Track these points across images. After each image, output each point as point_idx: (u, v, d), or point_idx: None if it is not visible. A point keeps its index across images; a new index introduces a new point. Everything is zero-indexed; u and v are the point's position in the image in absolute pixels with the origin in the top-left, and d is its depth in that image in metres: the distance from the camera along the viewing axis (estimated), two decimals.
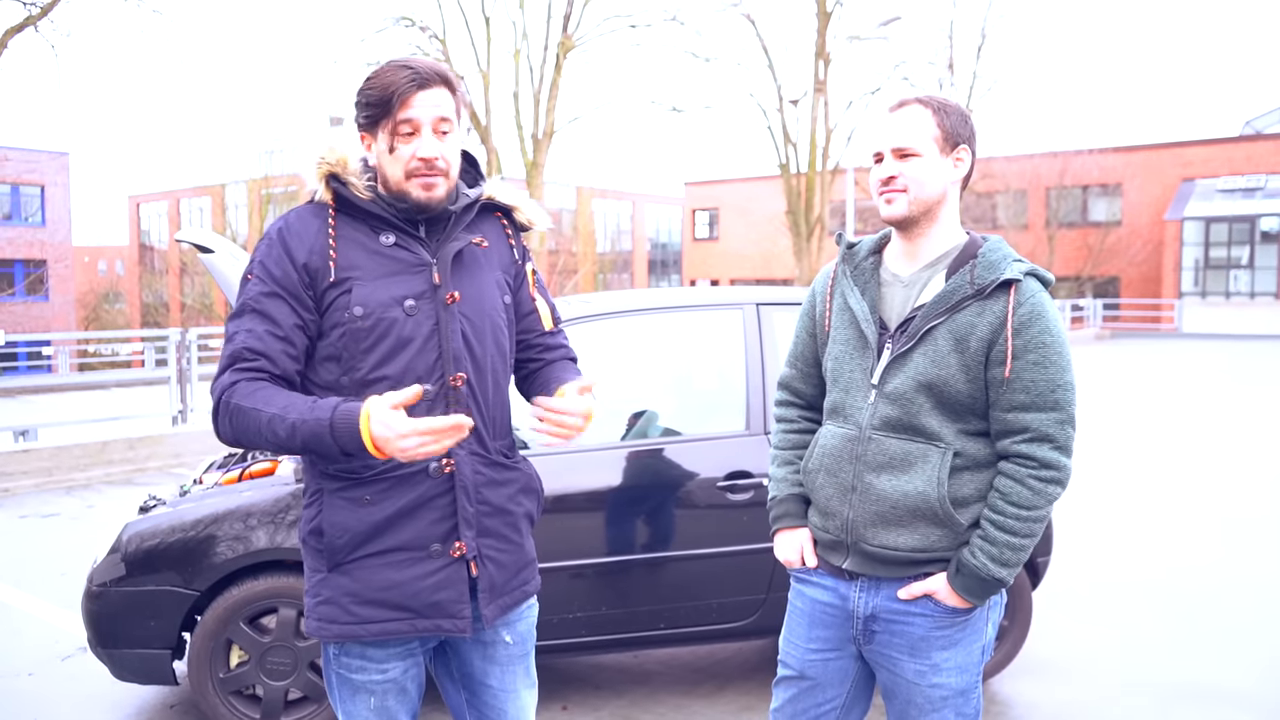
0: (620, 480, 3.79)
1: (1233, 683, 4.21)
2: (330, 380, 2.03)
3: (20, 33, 14.52)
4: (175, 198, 50.54)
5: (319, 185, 2.07)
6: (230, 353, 1.98)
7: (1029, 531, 2.08)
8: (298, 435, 1.89)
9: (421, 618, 2.05)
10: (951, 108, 2.18)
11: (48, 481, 8.81)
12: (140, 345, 27.77)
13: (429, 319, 2.03)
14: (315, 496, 2.08)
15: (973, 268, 2.12)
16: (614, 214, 53.63)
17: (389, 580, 2.03)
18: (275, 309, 1.99)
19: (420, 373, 2.01)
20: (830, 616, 2.27)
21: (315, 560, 2.07)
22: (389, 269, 2.04)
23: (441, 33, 20.68)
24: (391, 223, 2.06)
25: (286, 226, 2.06)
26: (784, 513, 2.37)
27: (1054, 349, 2.06)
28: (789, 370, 2.46)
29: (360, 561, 2.03)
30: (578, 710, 3.97)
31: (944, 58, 29.09)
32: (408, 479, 2.03)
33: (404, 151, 2.02)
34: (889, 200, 2.18)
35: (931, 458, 2.11)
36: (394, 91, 1.99)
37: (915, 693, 2.20)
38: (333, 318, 2.01)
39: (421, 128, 2.01)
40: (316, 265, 2.02)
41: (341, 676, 2.12)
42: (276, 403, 1.93)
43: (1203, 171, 36.05)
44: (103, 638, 3.63)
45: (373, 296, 2.01)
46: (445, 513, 2.05)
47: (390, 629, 2.04)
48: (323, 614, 2.05)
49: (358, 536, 2.02)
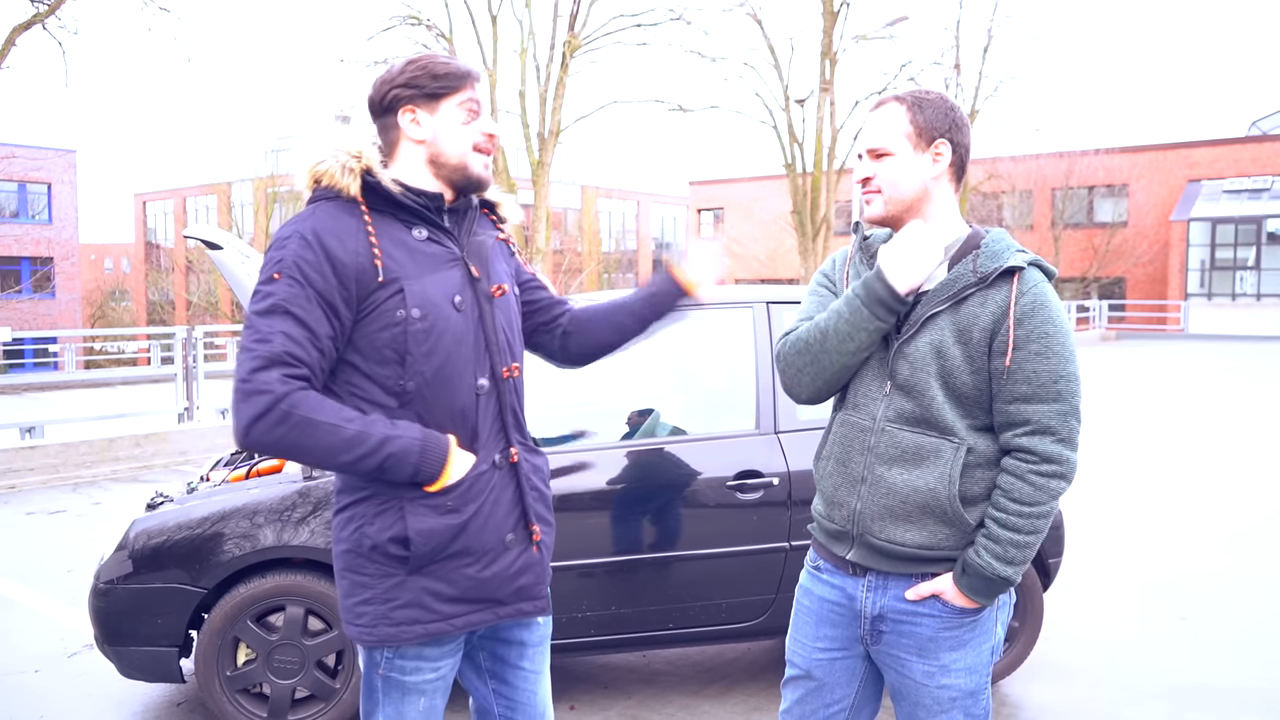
0: (629, 480, 3.78)
1: (1245, 685, 4.19)
2: (390, 384, 2.01)
3: (28, 30, 14.56)
4: (181, 196, 50.67)
5: (352, 181, 2.01)
6: (270, 354, 1.89)
7: (1034, 528, 2.05)
8: (381, 453, 1.93)
9: (504, 605, 2.12)
10: (929, 101, 2.15)
11: (54, 478, 8.82)
12: (146, 343, 27.82)
13: (474, 313, 2.08)
14: (391, 504, 2.03)
15: (975, 257, 2.09)
16: (619, 213, 53.67)
17: (472, 578, 2.07)
18: (313, 317, 1.94)
19: (475, 365, 2.06)
20: (838, 615, 2.25)
21: (391, 566, 2.04)
22: (428, 265, 2.04)
23: (448, 31, 20.69)
24: (424, 216, 2.06)
25: (321, 227, 1.98)
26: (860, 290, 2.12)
27: (1057, 339, 2.03)
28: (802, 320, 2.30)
29: (443, 563, 2.05)
30: (586, 710, 3.95)
31: (950, 58, 29.08)
32: (479, 478, 2.07)
33: (471, 128, 2.09)
34: (868, 201, 2.18)
35: (945, 453, 2.08)
36: (465, 72, 2.10)
37: (924, 694, 2.18)
38: (382, 319, 1.98)
39: (483, 110, 2.12)
40: (361, 266, 1.97)
41: (393, 680, 2.10)
42: (351, 417, 1.93)
43: (1209, 173, 35.97)
44: (109, 635, 3.62)
45: (426, 296, 2.00)
46: (514, 503, 2.12)
47: (475, 620, 2.09)
48: (402, 617, 2.04)
49: (444, 541, 2.03)
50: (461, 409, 2.05)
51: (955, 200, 2.21)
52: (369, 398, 2.01)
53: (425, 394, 2.01)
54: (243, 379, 1.90)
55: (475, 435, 2.07)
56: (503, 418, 2.12)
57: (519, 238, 21.07)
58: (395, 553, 2.03)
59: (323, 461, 1.95)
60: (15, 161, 33.73)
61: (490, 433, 2.09)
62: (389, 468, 1.94)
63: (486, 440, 2.09)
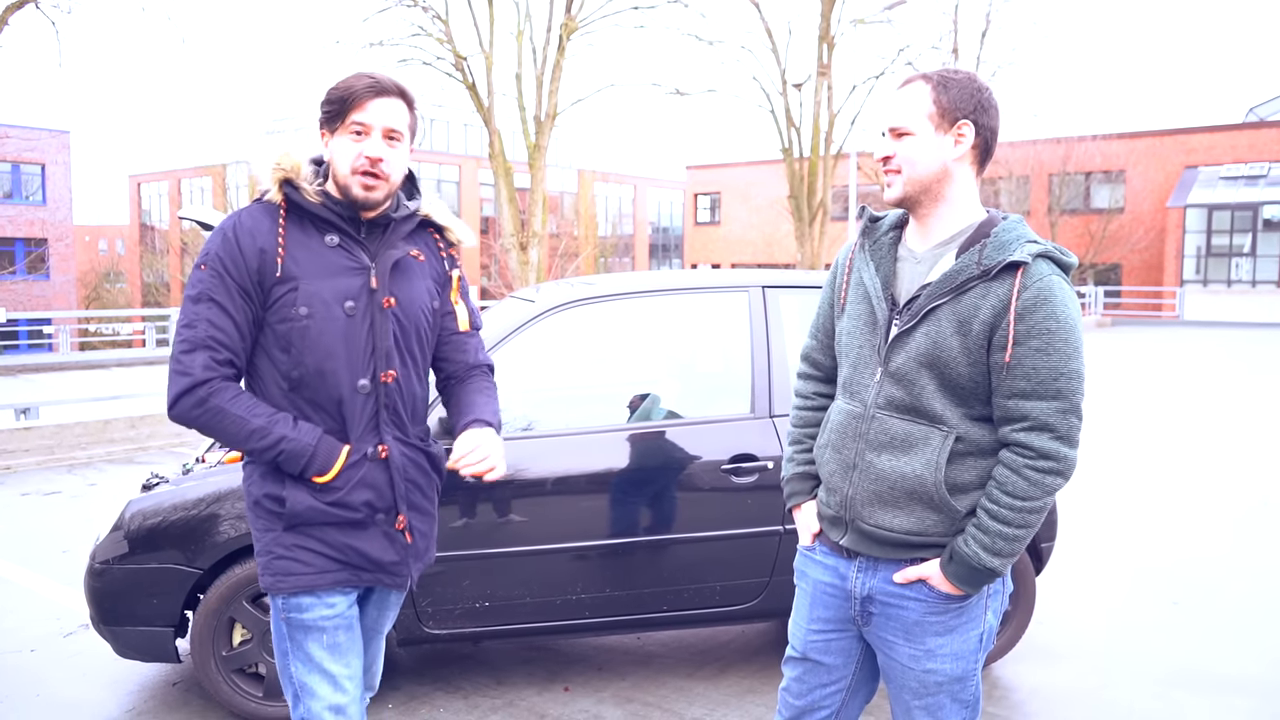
0: (625, 462, 3.78)
1: (1236, 668, 4.22)
2: (284, 369, 2.25)
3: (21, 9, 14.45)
4: (176, 178, 50.44)
5: (272, 187, 2.27)
6: (195, 338, 2.19)
7: (1024, 523, 2.04)
8: (275, 449, 2.22)
9: (366, 572, 2.35)
10: (955, 81, 2.11)
11: (49, 459, 8.82)
12: (141, 324, 27.73)
13: (365, 319, 2.27)
14: (274, 469, 2.29)
15: (982, 247, 2.06)
16: (615, 197, 53.53)
17: (341, 542, 2.30)
18: (233, 303, 2.21)
19: (357, 367, 2.27)
20: (830, 597, 2.27)
21: (270, 521, 2.30)
22: (331, 269, 2.25)
23: (444, 13, 20.54)
24: (336, 225, 2.27)
25: (239, 223, 2.25)
26: (791, 491, 2.41)
27: (1060, 335, 1.98)
28: (810, 341, 2.46)
29: (317, 526, 2.28)
30: (580, 691, 3.97)
31: (948, 42, 28.92)
32: (355, 465, 2.30)
33: (352, 149, 2.23)
34: (888, 184, 2.16)
35: (933, 440, 2.08)
36: (352, 94, 2.22)
37: (909, 676, 2.20)
38: (280, 313, 2.23)
39: (372, 131, 2.23)
40: (266, 262, 2.21)
41: (293, 621, 2.31)
42: (259, 414, 2.23)
43: (1206, 159, 35.94)
44: (105, 615, 3.63)
45: (316, 296, 2.22)
46: (385, 490, 2.33)
47: (342, 578, 2.32)
48: (279, 568, 2.28)
49: (315, 508, 2.27)
50: (338, 402, 2.27)
51: (976, 184, 2.17)
52: (269, 379, 2.28)
53: (309, 383, 2.25)
54: (175, 359, 2.21)
55: (350, 427, 2.29)
56: (378, 415, 2.31)
57: (515, 222, 21.00)
58: (271, 508, 2.29)
59: (228, 443, 2.27)
60: (9, 142, 33.59)
61: (365, 427, 2.30)
62: (282, 462, 2.24)
63: (361, 433, 2.30)
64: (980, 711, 2.27)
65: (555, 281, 4.92)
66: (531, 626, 3.79)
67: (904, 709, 2.26)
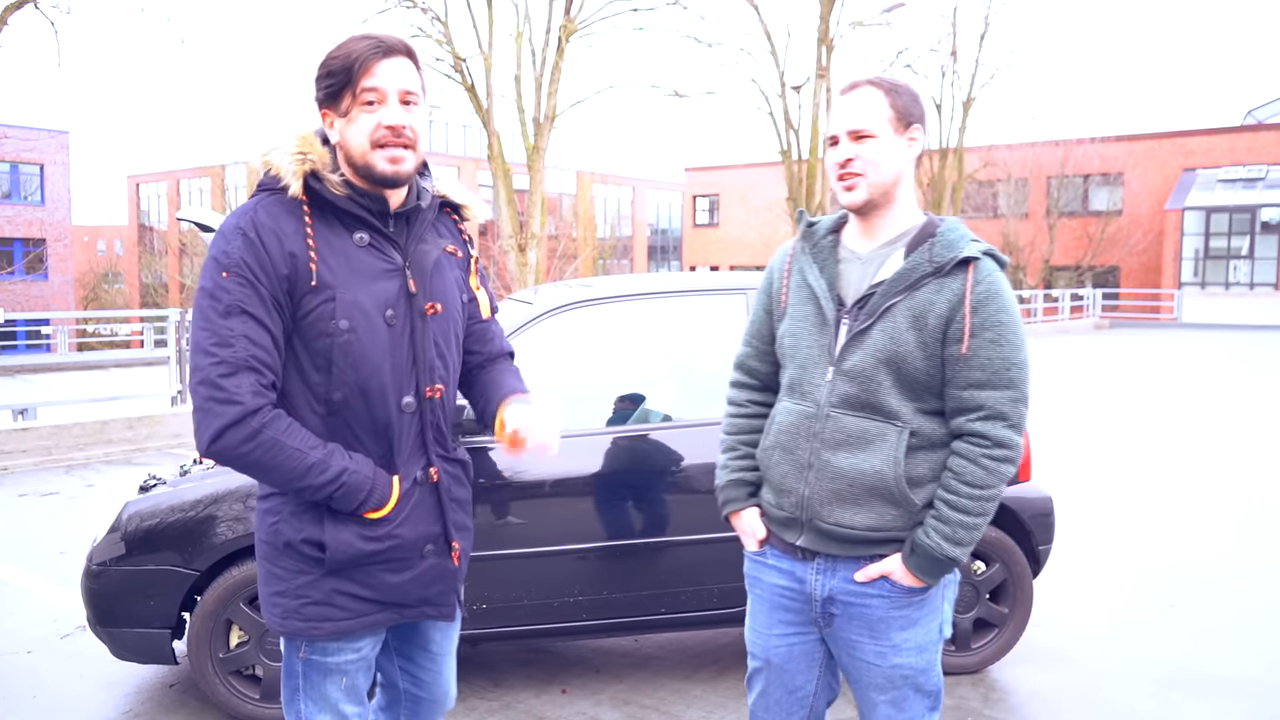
0: (622, 465, 3.78)
1: (1234, 670, 4.21)
2: (321, 392, 1.98)
3: (20, 9, 14.45)
4: (175, 178, 50.44)
5: (294, 181, 1.96)
6: (235, 359, 1.87)
7: (982, 510, 2.09)
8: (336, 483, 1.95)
9: (410, 608, 2.14)
10: (902, 88, 2.18)
11: (47, 460, 8.81)
12: (139, 325, 27.73)
13: (406, 329, 2.03)
14: (309, 506, 2.03)
15: (931, 246, 2.12)
16: (614, 199, 53.54)
17: (385, 582, 2.08)
18: (269, 317, 1.92)
19: (402, 383, 2.03)
20: (789, 599, 2.27)
21: (305, 565, 2.04)
22: (366, 273, 1.98)
23: (443, 14, 20.54)
24: (366, 221, 2.00)
25: (259, 222, 1.93)
26: (727, 498, 2.38)
27: (1010, 327, 2.07)
28: (745, 348, 2.43)
29: (360, 568, 2.06)
30: (577, 693, 3.97)
31: (947, 45, 28.99)
32: (407, 494, 2.08)
33: (367, 121, 1.94)
34: (848, 187, 2.16)
35: (889, 436, 2.11)
36: (356, 59, 1.92)
37: (875, 674, 2.22)
38: (316, 327, 1.95)
39: (387, 97, 1.94)
40: (298, 268, 1.93)
41: (314, 663, 2.10)
42: (315, 444, 1.95)
43: (1204, 161, 35.99)
44: (102, 616, 3.62)
45: (356, 306, 1.95)
46: (435, 518, 2.13)
47: (380, 620, 2.10)
48: (313, 614, 2.04)
49: (364, 552, 2.04)
50: (385, 424, 2.03)
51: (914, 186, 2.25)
52: (302, 404, 1.99)
53: (352, 405, 1.99)
54: (210, 384, 1.87)
55: (396, 452, 2.05)
56: (424, 435, 2.09)
57: (513, 224, 20.99)
58: (309, 553, 2.03)
59: (277, 482, 1.97)
60: (8, 142, 33.58)
61: (411, 450, 2.08)
62: (338, 497, 1.97)
63: (408, 458, 2.08)
64: (942, 700, 2.29)
65: (553, 283, 4.92)
66: (529, 629, 3.78)
67: (869, 705, 2.28)
